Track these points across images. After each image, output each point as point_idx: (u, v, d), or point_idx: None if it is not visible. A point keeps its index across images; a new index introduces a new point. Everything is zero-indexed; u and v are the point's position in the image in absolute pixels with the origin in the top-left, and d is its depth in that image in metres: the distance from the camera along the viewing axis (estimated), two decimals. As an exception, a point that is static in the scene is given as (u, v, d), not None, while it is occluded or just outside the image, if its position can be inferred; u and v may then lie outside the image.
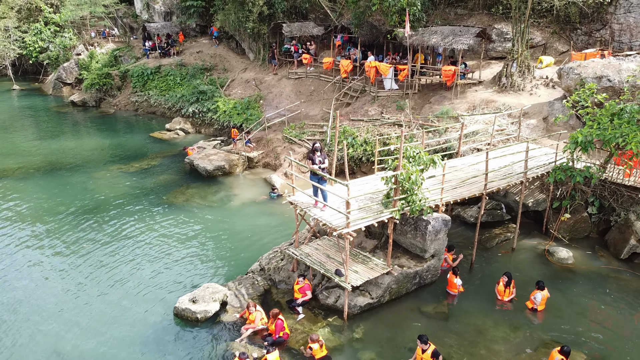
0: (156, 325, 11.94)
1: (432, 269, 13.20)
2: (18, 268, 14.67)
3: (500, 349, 11.09)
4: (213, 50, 36.00)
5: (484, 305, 12.76)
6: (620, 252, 14.90)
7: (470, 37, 21.02)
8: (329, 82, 26.75)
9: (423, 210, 12.06)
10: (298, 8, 31.01)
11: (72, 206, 19.05)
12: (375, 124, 21.56)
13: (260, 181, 21.59)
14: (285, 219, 17.39)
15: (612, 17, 22.83)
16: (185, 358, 10.86)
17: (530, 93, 20.75)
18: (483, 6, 25.77)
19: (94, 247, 15.86)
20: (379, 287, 12.28)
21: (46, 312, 12.53)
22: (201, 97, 29.90)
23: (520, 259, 15.05)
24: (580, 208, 16.25)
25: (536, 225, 16.84)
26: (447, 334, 11.53)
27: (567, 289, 13.43)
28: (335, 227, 11.31)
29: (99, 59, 40.81)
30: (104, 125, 31.97)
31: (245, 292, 12.71)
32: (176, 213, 18.37)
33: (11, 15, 45.44)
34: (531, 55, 23.96)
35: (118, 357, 10.93)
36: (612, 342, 11.41)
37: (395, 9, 22.34)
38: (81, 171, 23.17)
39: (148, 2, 43.43)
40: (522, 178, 14.69)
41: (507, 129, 18.59)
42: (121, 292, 13.36)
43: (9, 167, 23.56)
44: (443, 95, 22.11)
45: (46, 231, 17.00)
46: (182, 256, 15.25)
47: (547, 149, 16.74)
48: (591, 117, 14.35)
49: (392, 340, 11.33)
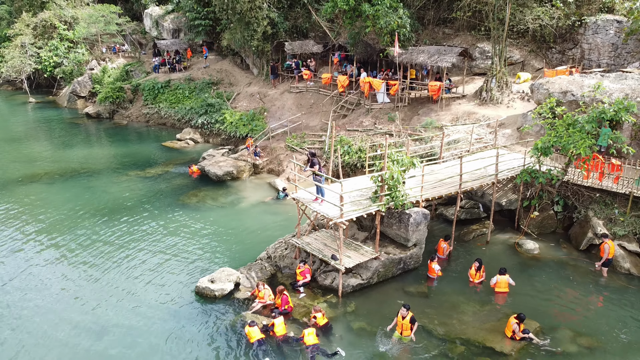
0: (181, 301, 14.16)
1: (415, 256, 15.44)
2: (60, 255, 16.89)
3: (469, 320, 13.30)
4: (219, 66, 38.53)
5: (459, 286, 14.98)
6: (580, 244, 17.15)
7: (453, 56, 23.49)
8: (328, 95, 29.18)
9: (405, 205, 14.35)
10: (299, 27, 33.58)
11: (98, 206, 21.31)
12: (369, 134, 23.92)
13: (265, 185, 23.90)
14: (289, 217, 19.64)
15: (582, 38, 25.31)
16: (206, 326, 13.06)
17: (508, 106, 23.13)
18: (467, 27, 28.27)
19: (122, 240, 18.09)
20: (368, 270, 14.52)
21: (88, 290, 14.73)
22: (209, 110, 32.36)
23: (494, 250, 17.28)
24: (548, 207, 18.52)
25: (509, 222, 19.10)
26: (426, 309, 13.73)
27: (532, 275, 15.66)
28: (331, 217, 13.60)
29: (111, 73, 43.38)
30: (118, 136, 34.36)
31: (255, 275, 14.94)
32: (191, 212, 20.65)
33: (27, 32, 48.00)
34: (510, 71, 26.46)
35: (151, 327, 13.10)
36: (564, 315, 13.64)
37: (386, 30, 24.79)
38: (102, 176, 25.47)
39: (157, 20, 46.09)
40: (493, 179, 17.00)
41: (484, 137, 20.94)
42: (148, 276, 15.57)
43: (37, 173, 25.86)
44: (430, 108, 24.50)
45: (77, 227, 19.20)
46: (198, 247, 17.50)
47: (518, 154, 19.05)
48: (550, 127, 16.70)
49: (379, 313, 13.53)
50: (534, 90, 21.56)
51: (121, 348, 12.27)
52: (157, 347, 12.28)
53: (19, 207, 21.30)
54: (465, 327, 12.95)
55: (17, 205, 21.58)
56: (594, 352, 12.18)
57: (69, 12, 49.00)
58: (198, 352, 12.13)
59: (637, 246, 16.31)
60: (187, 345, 12.34)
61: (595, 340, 12.57)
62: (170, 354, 12.06)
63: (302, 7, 32.97)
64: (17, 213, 20.67)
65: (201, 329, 12.95)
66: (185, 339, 12.57)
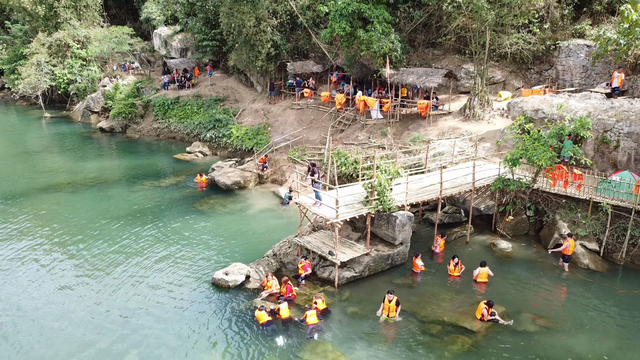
0: (200, 290, 16.50)
1: (401, 253, 17.81)
2: (89, 254, 19.22)
3: (446, 305, 15.63)
4: (225, 83, 41.19)
5: (439, 279, 17.32)
6: (548, 243, 19.52)
7: (439, 77, 26.08)
8: (326, 112, 31.72)
9: (391, 208, 16.76)
10: (300, 49, 36.29)
11: (119, 212, 23.69)
12: (364, 147, 26.38)
13: (270, 194, 26.31)
14: (291, 221, 22.00)
15: (556, 60, 27.92)
16: (222, 311, 15.37)
17: (488, 122, 25.64)
18: (454, 49, 30.92)
19: (143, 241, 20.43)
20: (360, 264, 16.88)
21: (116, 282, 17.04)
22: (217, 125, 34.92)
23: (472, 249, 19.64)
24: (521, 211, 20.93)
25: (487, 225, 21.47)
26: (410, 297, 16.04)
27: (505, 270, 17.98)
28: (328, 218, 16.01)
29: (122, 90, 46.09)
30: (131, 149, 36.86)
31: (262, 269, 17.28)
32: (204, 217, 23.03)
33: (42, 51, 50.78)
34: (493, 90, 29.04)
35: (176, 312, 15.41)
36: (528, 301, 15.96)
37: (379, 53, 27.41)
38: (120, 186, 27.89)
39: (166, 39, 48.95)
40: (470, 187, 19.43)
41: (466, 150, 23.41)
42: (169, 270, 17.88)
43: (60, 183, 28.28)
44: (419, 124, 27.02)
45: (102, 231, 21.54)
46: (212, 246, 19.85)
47: (495, 165, 21.49)
48: (519, 141, 19.19)
49: (370, 300, 15.83)
50: (510, 108, 24.10)
51: (151, 329, 14.56)
52: (182, 328, 14.57)
53: (48, 213, 23.68)
54: (442, 311, 15.27)
55: (45, 211, 23.96)
56: (550, 331, 14.47)
57: (82, 32, 51.92)
58: (216, 331, 14.43)
59: (596, 245, 18.70)
60: (206, 326, 14.64)
61: (552, 321, 14.88)
62: (193, 333, 14.35)
63: (302, 30, 35.69)
64: (46, 218, 23.04)
65: (218, 313, 15.27)
66: (205, 321, 14.88)
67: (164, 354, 13.45)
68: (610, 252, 18.68)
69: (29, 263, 18.62)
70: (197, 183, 27.50)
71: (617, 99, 22.13)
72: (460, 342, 13.82)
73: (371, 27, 27.35)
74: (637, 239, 18.23)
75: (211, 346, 13.79)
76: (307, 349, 13.60)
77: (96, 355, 13.43)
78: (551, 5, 28.41)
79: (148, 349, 13.66)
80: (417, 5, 31.74)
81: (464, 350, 13.55)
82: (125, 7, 63.19)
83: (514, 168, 19.20)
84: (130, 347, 13.74)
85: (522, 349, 13.64)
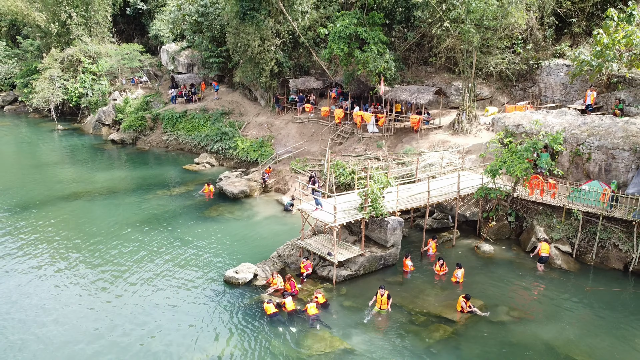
0: (213, 287, 18.55)
1: (393, 255, 19.86)
2: (107, 254, 21.30)
3: (431, 300, 17.67)
4: (230, 97, 43.49)
5: (426, 278, 19.36)
6: (526, 246, 21.58)
7: (429, 94, 28.32)
8: (326, 126, 33.93)
9: (383, 214, 18.87)
10: (301, 66, 38.62)
11: (134, 219, 25.76)
12: (361, 159, 28.53)
13: (273, 202, 28.42)
14: (294, 227, 24.07)
15: (539, 78, 30.17)
16: (233, 305, 17.41)
17: (475, 135, 27.81)
18: (444, 68, 33.21)
19: (158, 245, 22.50)
20: (356, 264, 18.94)
21: (137, 280, 19.08)
22: (224, 137, 37.15)
23: (457, 252, 21.68)
24: (503, 217, 23.01)
25: (473, 230, 23.54)
26: (400, 293, 18.07)
27: (486, 270, 20.02)
28: (327, 222, 18.10)
29: (132, 103, 48.42)
30: (142, 160, 39.04)
31: (269, 269, 19.35)
32: (214, 223, 25.12)
33: (55, 66, 53.20)
34: (481, 105, 31.28)
35: (192, 305, 17.45)
36: (506, 296, 17.98)
37: (375, 72, 29.64)
38: (134, 195, 29.99)
39: (174, 55, 51.38)
40: (455, 195, 21.54)
41: (454, 162, 25.55)
42: (184, 269, 19.93)
43: (78, 192, 30.40)
44: (412, 137, 29.20)
45: (119, 235, 23.59)
46: (223, 248, 21.92)
47: (479, 175, 23.60)
48: (498, 154, 21.35)
49: (364, 296, 17.85)
50: (494, 123, 26.29)
51: (171, 320, 16.59)
52: (198, 319, 16.60)
53: (68, 220, 25.77)
54: (427, 304, 17.31)
55: (66, 218, 26.05)
56: (522, 321, 16.49)
57: (93, 48, 54.40)
58: (228, 321, 16.46)
59: (569, 247, 20.76)
60: (220, 317, 16.67)
61: (525, 313, 16.92)
62: (210, 323, 16.38)
63: (304, 49, 38.02)
64: (67, 225, 25.13)
65: (230, 306, 17.32)
66: (219, 313, 16.91)
67: (184, 340, 15.48)
68: (581, 254, 20.72)
69: (54, 264, 20.67)
70: (204, 193, 29.57)
71: (590, 115, 24.30)
72: (442, 330, 15.85)
73: (367, 47, 29.63)
74: (605, 242, 20.29)
75: (225, 334, 15.82)
76: (309, 336, 15.63)
77: (121, 338, 15.46)
78: (534, 27, 30.75)
79: (169, 335, 15.69)
80: (410, 26, 34.07)
81: (445, 337, 15.57)
82: (133, 23, 65.74)
83: (495, 178, 21.34)
84: (152, 333, 15.77)
85: (496, 336, 15.67)
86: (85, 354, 14.90)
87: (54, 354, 14.91)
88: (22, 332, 16.00)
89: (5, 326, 16.33)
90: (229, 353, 14.90)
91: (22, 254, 21.49)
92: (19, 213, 26.60)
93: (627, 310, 17.23)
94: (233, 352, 14.96)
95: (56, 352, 15.01)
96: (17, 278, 19.45)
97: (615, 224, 20.19)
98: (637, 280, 19.12)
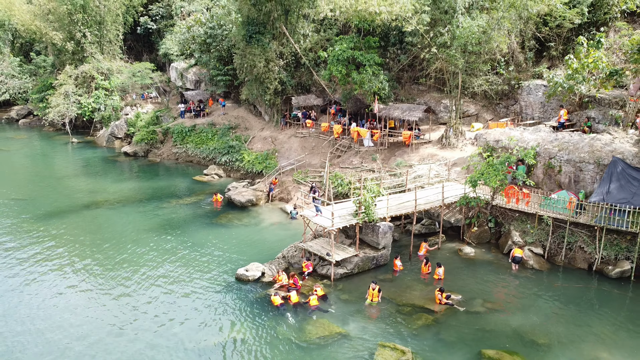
0: (226, 283, 21.21)
1: (384, 256, 22.53)
2: (128, 255, 23.97)
3: (416, 294, 20.31)
4: (236, 113, 46.40)
5: (413, 276, 22.02)
6: (503, 249, 24.25)
7: (419, 112, 31.19)
8: (326, 140, 36.75)
9: (375, 220, 21.59)
10: (303, 84, 41.59)
11: (151, 225, 28.44)
12: (357, 170, 31.29)
13: (278, 210, 31.14)
14: (296, 232, 26.72)
15: (520, 97, 33.07)
16: (244, 298, 20.05)
17: (461, 149, 30.60)
18: (434, 87, 36.14)
19: (175, 248, 25.18)
20: (351, 263, 21.61)
21: (157, 277, 21.74)
22: (231, 150, 40.00)
23: (442, 254, 24.32)
24: (484, 224, 25.71)
25: (457, 235, 26.22)
26: (390, 288, 20.70)
27: (467, 270, 22.66)
28: (325, 227, 20.82)
29: (143, 118, 51.37)
30: (154, 171, 41.85)
31: (274, 268, 22.02)
32: (224, 228, 27.83)
33: (70, 82, 56.27)
34: (467, 122, 34.12)
35: (208, 298, 20.10)
36: (482, 291, 20.60)
37: (370, 91, 32.55)
38: (149, 203, 32.71)
39: (182, 72, 54.46)
40: (440, 203, 24.27)
41: (441, 173, 28.30)
42: (200, 268, 22.60)
43: (99, 201, 33.15)
44: (404, 151, 32.00)
45: (138, 240, 26.25)
46: (233, 250, 24.59)
47: (462, 185, 26.31)
48: (478, 166, 24.12)
49: (358, 291, 20.49)
50: (477, 138, 29.09)
51: (190, 310, 19.25)
52: (214, 310, 19.26)
53: (93, 225, 28.51)
54: (413, 298, 19.96)
55: (91, 223, 28.79)
56: (495, 311, 19.12)
57: (106, 65, 57.54)
58: (241, 312, 19.11)
59: (541, 250, 23.42)
60: (233, 309, 19.33)
61: (497, 305, 19.57)
62: (224, 313, 19.03)
63: (305, 69, 41.01)
64: (92, 229, 27.86)
65: (241, 300, 19.97)
66: (232, 305, 19.56)
67: (202, 328, 18.12)
68: (552, 256, 23.38)
69: (84, 260, 23.37)
70: (213, 202, 32.28)
71: (562, 132, 27.09)
72: (424, 319, 18.49)
73: (363, 69, 32.58)
74: (573, 244, 22.97)
75: (238, 321, 18.47)
76: (310, 323, 18.27)
77: (149, 323, 18.12)
78: (516, 50, 33.72)
79: (189, 322, 18.35)
80: (403, 48, 37.03)
81: (427, 324, 18.20)
82: (142, 41, 68.96)
83: (475, 188, 24.09)
84: (174, 320, 18.43)
85: (471, 323, 18.29)
86: (125, 334, 17.56)
87: (87, 341, 17.57)
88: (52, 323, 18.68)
89: (32, 316, 18.97)
90: (242, 336, 17.55)
91: (60, 253, 24.19)
92: (48, 220, 29.30)
93: (588, 303, 19.87)
94: (246, 335, 17.61)
95: (86, 339, 17.68)
96: (52, 276, 22.14)
97: (580, 228, 22.91)
98: (600, 278, 21.75)
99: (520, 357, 16.17)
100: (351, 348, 16.89)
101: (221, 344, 17.13)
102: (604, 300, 20.06)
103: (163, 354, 16.60)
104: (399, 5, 26.69)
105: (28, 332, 17.94)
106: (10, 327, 18.23)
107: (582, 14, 31.40)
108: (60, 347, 17.03)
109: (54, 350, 16.88)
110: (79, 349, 16.96)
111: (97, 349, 16.92)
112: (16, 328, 18.16)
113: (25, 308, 19.49)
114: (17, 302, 19.93)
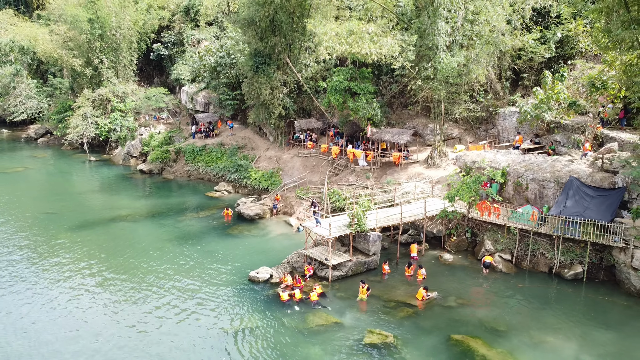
0: (240, 284, 25.11)
1: (374, 261, 26.43)
2: (151, 263, 27.85)
3: (400, 291, 24.19)
4: (243, 134, 50.57)
5: (399, 278, 25.90)
6: (478, 256, 28.13)
7: (408, 135, 35.35)
8: (325, 160, 40.82)
9: (365, 230, 25.56)
10: (305, 108, 45.87)
11: (170, 236, 32.33)
12: (353, 187, 35.30)
13: (282, 222, 35.10)
14: (299, 241, 30.59)
15: (497, 122, 37.24)
16: (256, 295, 23.92)
17: (444, 169, 34.66)
18: (422, 113, 40.39)
19: (194, 256, 29.07)
20: (346, 267, 25.52)
21: (178, 279, 25.61)
22: (239, 169, 44.10)
23: (425, 259, 28.20)
24: (462, 234, 29.62)
25: (439, 243, 30.11)
26: (378, 287, 24.53)
27: (446, 273, 26.50)
28: (324, 236, 24.81)
29: (156, 138, 55.58)
30: (168, 188, 45.87)
31: (281, 271, 25.92)
32: (236, 239, 31.76)
33: (87, 104, 60.58)
34: (451, 143, 38.24)
35: (224, 296, 23.97)
36: (457, 289, 24.45)
37: (364, 117, 36.75)
38: (168, 217, 36.65)
39: (192, 95, 58.84)
40: (422, 216, 28.23)
41: (425, 190, 32.33)
42: (217, 272, 26.48)
43: (121, 215, 37.09)
44: (394, 170, 36.06)
45: (161, 249, 30.16)
46: (245, 257, 28.45)
47: (443, 201, 30.28)
48: (454, 184, 28.15)
49: (351, 289, 24.34)
50: (457, 159, 33.17)
51: (208, 307, 23.12)
52: (230, 305, 23.14)
53: (120, 238, 32.46)
54: (397, 295, 23.83)
55: (118, 235, 32.75)
56: (465, 306, 22.96)
57: (121, 89, 61.97)
58: (253, 307, 22.98)
59: (509, 256, 27.31)
60: (246, 304, 23.19)
61: (468, 301, 23.42)
62: (238, 308, 22.90)
63: (307, 95, 45.32)
64: (120, 240, 31.79)
65: (254, 296, 23.84)
66: (246, 301, 23.43)
67: (219, 319, 21.99)
68: (519, 261, 27.26)
69: (112, 265, 27.27)
70: (224, 215, 36.24)
71: (530, 154, 31.13)
72: (405, 311, 22.36)
73: (358, 98, 36.82)
74: (536, 251, 26.86)
75: (251, 314, 22.34)
76: (311, 315, 22.12)
77: (175, 315, 21.98)
78: (494, 80, 38.01)
79: (210, 314, 22.22)
80: (394, 78, 41.32)
81: (408, 315, 22.07)
82: (153, 64, 73.54)
83: (453, 203, 28.10)
84: (197, 312, 22.30)
85: (444, 315, 22.15)
86: (152, 323, 21.43)
87: (113, 336, 21.43)
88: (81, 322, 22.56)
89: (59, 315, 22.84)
90: (255, 325, 21.42)
91: (93, 262, 28.12)
92: (79, 231, 33.22)
93: (546, 300, 23.68)
94: (258, 324, 21.47)
95: (113, 337, 21.54)
96: (83, 279, 26.04)
97: (542, 237, 26.83)
98: (558, 280, 25.58)
99: (481, 340, 20.00)
100: (345, 334, 20.74)
101: (239, 331, 20.99)
102: (559, 298, 23.90)
103: (189, 335, 20.46)
104: (387, 47, 30.97)
105: (63, 318, 21.86)
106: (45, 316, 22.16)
107: (551, 49, 35.73)
108: (91, 349, 20.12)
109: (86, 351, 20.29)
110: (106, 348, 20.85)
111: (130, 333, 20.83)
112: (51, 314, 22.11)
113: (65, 298, 23.42)
114: (58, 294, 23.88)
